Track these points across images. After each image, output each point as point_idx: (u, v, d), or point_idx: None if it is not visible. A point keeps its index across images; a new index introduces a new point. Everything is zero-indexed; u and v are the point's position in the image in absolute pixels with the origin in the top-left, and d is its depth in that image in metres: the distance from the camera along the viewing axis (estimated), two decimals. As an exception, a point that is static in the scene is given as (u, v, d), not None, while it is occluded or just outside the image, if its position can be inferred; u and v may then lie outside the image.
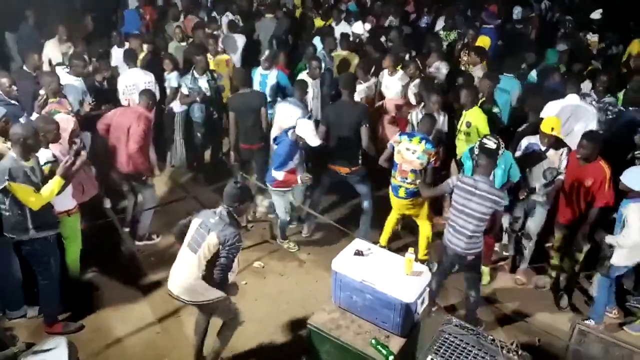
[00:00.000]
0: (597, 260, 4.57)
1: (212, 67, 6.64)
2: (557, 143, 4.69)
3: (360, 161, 5.32)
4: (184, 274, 3.54)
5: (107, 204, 6.04)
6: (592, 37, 7.79)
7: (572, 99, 5.27)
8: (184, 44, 7.49)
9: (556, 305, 4.84)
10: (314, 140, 4.84)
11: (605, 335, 3.55)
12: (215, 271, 3.43)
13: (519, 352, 3.02)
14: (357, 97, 6.23)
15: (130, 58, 6.34)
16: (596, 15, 8.75)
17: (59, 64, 6.47)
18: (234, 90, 6.26)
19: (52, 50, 7.00)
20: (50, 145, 4.23)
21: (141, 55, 6.86)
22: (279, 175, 4.92)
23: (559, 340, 4.09)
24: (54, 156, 4.21)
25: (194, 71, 6.28)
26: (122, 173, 5.26)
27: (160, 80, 6.50)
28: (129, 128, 5.05)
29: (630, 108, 5.40)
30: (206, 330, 3.94)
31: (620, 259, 4.22)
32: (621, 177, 4.13)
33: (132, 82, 6.12)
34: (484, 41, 7.72)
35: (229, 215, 3.51)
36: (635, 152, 4.84)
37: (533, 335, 4.45)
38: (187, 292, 3.56)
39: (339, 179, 5.44)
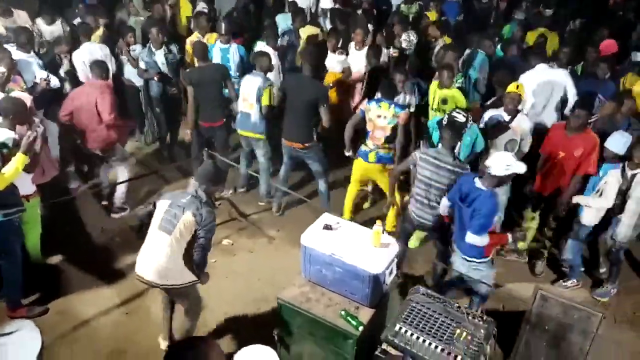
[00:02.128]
0: (566, 228, 4.78)
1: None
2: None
3: (314, 137, 5.26)
4: (158, 257, 3.43)
5: (73, 184, 5.88)
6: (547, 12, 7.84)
7: (541, 68, 5.35)
8: (142, 18, 7.25)
9: (531, 273, 5.02)
10: (518, 167, 3.69)
11: (564, 299, 3.69)
12: (196, 252, 3.40)
13: (484, 318, 3.11)
14: (336, 69, 6.21)
15: (84, 32, 6.09)
16: None
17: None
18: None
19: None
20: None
21: (99, 32, 6.59)
22: (484, 240, 3.75)
23: (523, 305, 4.23)
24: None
25: (151, 45, 6.10)
26: (99, 150, 5.16)
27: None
28: (96, 104, 4.94)
29: (586, 80, 5.58)
30: (172, 313, 3.90)
31: (590, 219, 4.45)
32: (606, 144, 4.27)
33: (89, 57, 5.89)
34: (431, 15, 7.74)
35: (205, 194, 3.46)
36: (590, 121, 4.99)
37: (498, 302, 4.60)
38: (160, 276, 3.46)
39: (295, 155, 5.40)
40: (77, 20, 6.83)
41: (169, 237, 3.38)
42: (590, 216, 4.46)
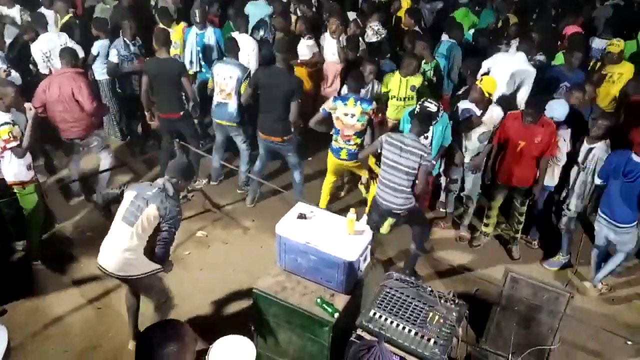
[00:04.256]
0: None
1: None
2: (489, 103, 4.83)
3: (292, 130, 5.19)
4: (118, 248, 3.40)
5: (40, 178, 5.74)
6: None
7: (520, 57, 5.41)
8: (108, 6, 7.06)
9: (510, 258, 5.13)
10: None
11: (534, 280, 3.80)
12: (158, 245, 3.35)
13: (456, 301, 3.17)
14: (303, 56, 6.20)
15: (39, 23, 5.89)
16: None
17: None
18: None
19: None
20: None
21: (65, 18, 6.42)
22: None
23: (494, 287, 4.34)
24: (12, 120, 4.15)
25: (124, 37, 5.95)
26: (78, 138, 5.10)
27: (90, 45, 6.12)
28: (72, 94, 4.84)
29: (557, 66, 5.67)
30: (138, 308, 3.84)
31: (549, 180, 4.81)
32: (547, 113, 4.56)
33: (48, 47, 5.74)
34: (404, 3, 7.78)
35: (173, 187, 3.42)
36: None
37: (470, 285, 4.70)
38: (120, 267, 3.42)
39: (272, 148, 5.35)
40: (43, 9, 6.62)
41: (131, 229, 3.34)
42: (549, 178, 4.78)
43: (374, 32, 6.43)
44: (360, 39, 6.31)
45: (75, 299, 4.35)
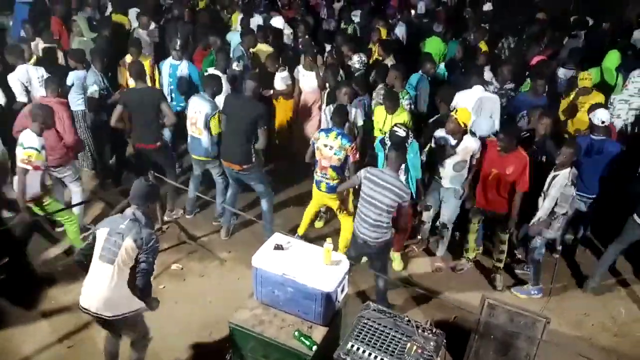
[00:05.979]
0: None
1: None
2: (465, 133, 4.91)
3: (253, 159, 5.13)
4: (102, 288, 3.28)
5: (5, 213, 5.57)
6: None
7: (477, 90, 5.54)
8: (85, 38, 7.06)
9: (492, 286, 5.11)
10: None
11: (511, 306, 3.82)
12: (138, 277, 3.26)
13: (434, 330, 3.17)
14: (278, 87, 6.28)
15: (15, 55, 5.86)
16: (487, 7, 9.27)
17: None
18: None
19: None
20: None
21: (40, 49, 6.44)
22: None
23: (471, 314, 4.35)
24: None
25: (97, 70, 5.93)
26: (52, 167, 5.04)
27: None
28: (54, 123, 4.82)
29: (522, 93, 5.87)
30: (117, 354, 3.74)
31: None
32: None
33: (25, 78, 5.71)
34: (383, 33, 7.92)
35: (144, 216, 3.36)
36: (522, 134, 5.20)
37: (448, 312, 4.70)
38: (107, 307, 3.31)
39: (235, 176, 5.29)
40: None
41: (112, 267, 3.25)
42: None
43: (360, 61, 6.52)
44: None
45: (45, 337, 4.20)
